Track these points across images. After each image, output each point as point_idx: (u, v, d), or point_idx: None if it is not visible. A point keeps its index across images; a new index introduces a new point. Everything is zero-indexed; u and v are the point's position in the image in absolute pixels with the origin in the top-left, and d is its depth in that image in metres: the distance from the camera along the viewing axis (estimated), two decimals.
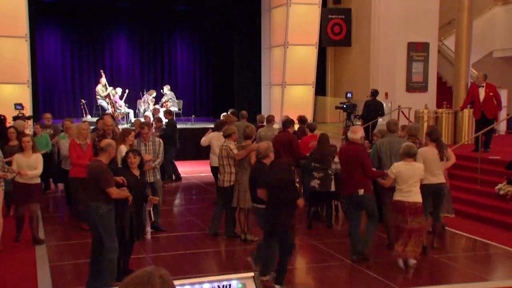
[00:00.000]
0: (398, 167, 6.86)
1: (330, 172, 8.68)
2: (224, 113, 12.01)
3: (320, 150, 8.75)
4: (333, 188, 8.72)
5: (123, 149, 7.72)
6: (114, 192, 5.98)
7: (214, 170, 10.40)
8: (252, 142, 8.38)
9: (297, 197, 6.23)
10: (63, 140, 9.78)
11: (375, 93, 13.73)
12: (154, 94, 17.56)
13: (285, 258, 6.10)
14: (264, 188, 6.20)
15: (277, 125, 11.54)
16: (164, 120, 13.31)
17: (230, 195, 8.04)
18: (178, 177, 13.20)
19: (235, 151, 7.96)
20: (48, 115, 12.08)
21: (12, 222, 8.24)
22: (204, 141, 10.23)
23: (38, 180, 7.94)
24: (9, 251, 7.49)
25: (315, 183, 8.69)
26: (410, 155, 6.85)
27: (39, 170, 7.80)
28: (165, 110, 14.41)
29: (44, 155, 8.90)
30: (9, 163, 7.77)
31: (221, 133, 9.88)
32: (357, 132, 7.21)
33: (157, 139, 8.71)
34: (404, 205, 6.81)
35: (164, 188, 11.15)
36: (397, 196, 6.90)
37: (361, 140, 7.26)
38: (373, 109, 13.60)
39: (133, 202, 6.23)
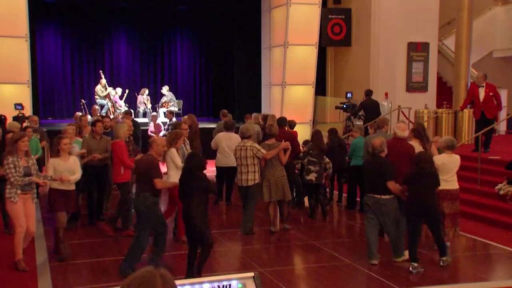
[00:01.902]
0: (443, 159, 7.50)
1: (323, 165, 9.29)
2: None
3: (317, 145, 9.26)
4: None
5: (174, 152, 7.59)
6: (159, 183, 6.44)
7: (220, 170, 10.32)
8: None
9: (437, 186, 6.97)
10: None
11: (369, 93, 13.73)
12: (147, 92, 17.55)
13: (441, 235, 6.94)
14: (400, 180, 6.92)
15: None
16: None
17: (257, 192, 8.38)
18: None
19: (263, 150, 8.26)
20: (35, 118, 11.34)
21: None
22: (214, 144, 10.20)
23: (74, 187, 7.33)
24: (9, 251, 7.48)
25: (312, 176, 9.21)
26: (452, 147, 7.57)
27: (79, 174, 7.27)
28: (125, 111, 14.23)
29: None
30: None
31: (230, 133, 9.91)
32: (405, 130, 7.92)
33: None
34: (450, 192, 7.52)
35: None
36: (442, 186, 7.31)
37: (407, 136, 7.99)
38: (371, 109, 13.58)
39: (204, 206, 6.35)
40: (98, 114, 13.59)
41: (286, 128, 10.43)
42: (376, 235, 7.14)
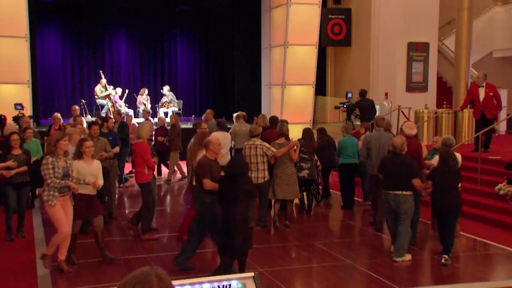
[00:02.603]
0: None
1: (314, 162, 9.57)
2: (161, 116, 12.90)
3: (308, 143, 9.50)
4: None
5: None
6: (208, 183, 6.46)
7: None
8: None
9: (460, 182, 7.38)
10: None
11: (364, 93, 13.74)
12: (146, 92, 17.54)
13: (453, 232, 7.25)
14: (428, 177, 7.29)
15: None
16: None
17: (268, 189, 8.68)
18: (126, 179, 12.71)
19: (273, 149, 8.55)
20: (27, 119, 11.04)
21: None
22: None
23: (96, 191, 7.00)
24: (9, 251, 7.49)
25: (305, 173, 9.42)
26: (450, 146, 7.83)
27: (102, 180, 6.97)
28: (117, 111, 14.19)
29: (34, 163, 8.56)
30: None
31: (224, 132, 10.19)
32: (413, 128, 8.29)
33: None
34: None
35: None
36: None
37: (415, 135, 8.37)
38: (366, 109, 13.58)
39: (248, 210, 6.40)
40: (77, 114, 13.22)
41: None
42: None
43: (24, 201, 8.09)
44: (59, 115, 12.10)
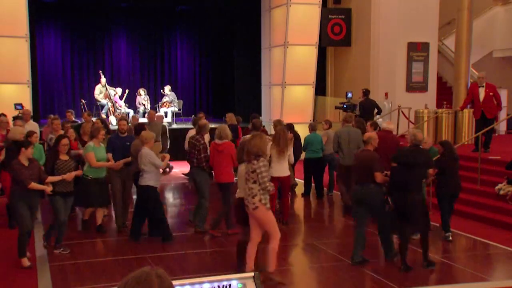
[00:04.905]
0: None
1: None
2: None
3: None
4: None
5: (291, 150, 8.73)
6: (379, 176, 6.99)
7: None
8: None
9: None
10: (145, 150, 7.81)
11: (366, 92, 13.77)
12: (144, 92, 17.52)
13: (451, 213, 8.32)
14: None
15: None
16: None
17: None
18: None
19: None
20: (19, 122, 9.88)
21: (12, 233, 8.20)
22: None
23: None
24: (9, 251, 7.48)
25: None
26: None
27: None
28: (121, 113, 14.15)
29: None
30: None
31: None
32: (390, 124, 9.69)
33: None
34: None
35: None
36: None
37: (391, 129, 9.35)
38: (368, 108, 13.61)
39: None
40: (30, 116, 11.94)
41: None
42: None
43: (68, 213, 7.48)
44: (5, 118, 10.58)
